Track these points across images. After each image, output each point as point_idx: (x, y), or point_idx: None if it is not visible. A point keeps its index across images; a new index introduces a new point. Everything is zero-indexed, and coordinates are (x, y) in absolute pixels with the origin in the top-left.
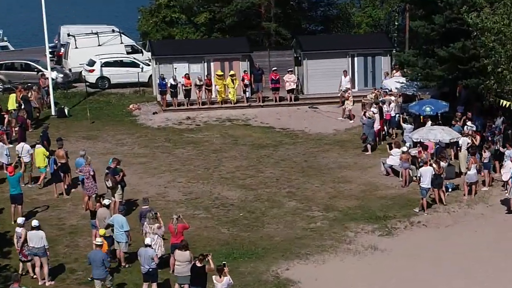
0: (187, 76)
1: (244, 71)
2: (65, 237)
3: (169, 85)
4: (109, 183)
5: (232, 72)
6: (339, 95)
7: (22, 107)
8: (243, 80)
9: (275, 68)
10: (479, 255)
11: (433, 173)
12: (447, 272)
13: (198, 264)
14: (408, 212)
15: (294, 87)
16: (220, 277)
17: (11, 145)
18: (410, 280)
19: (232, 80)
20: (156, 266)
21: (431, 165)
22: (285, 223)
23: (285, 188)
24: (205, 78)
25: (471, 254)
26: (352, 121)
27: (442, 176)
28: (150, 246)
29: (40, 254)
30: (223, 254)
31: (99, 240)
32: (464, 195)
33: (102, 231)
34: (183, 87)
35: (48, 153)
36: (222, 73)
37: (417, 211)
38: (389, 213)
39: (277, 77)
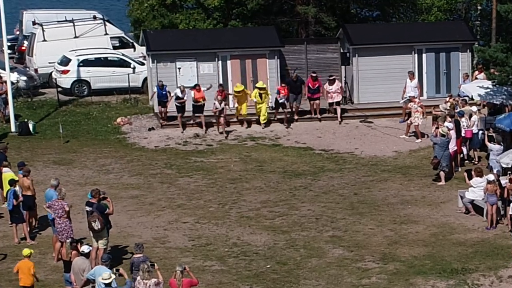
0: (197, 88)
1: (282, 84)
2: None
3: (174, 97)
4: (97, 225)
5: (261, 84)
6: (402, 105)
7: None
8: (278, 93)
9: (314, 73)
10: None
11: None
12: None
13: None
14: (496, 263)
15: (339, 99)
16: None
17: None
18: None
19: (260, 95)
20: None
21: None
22: (328, 278)
23: (328, 231)
24: (218, 88)
25: None
26: (419, 140)
27: None
28: None
29: None
30: None
31: (106, 275)
32: None
33: (26, 251)
34: (193, 102)
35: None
36: (243, 87)
37: None
38: (469, 264)
39: (317, 85)
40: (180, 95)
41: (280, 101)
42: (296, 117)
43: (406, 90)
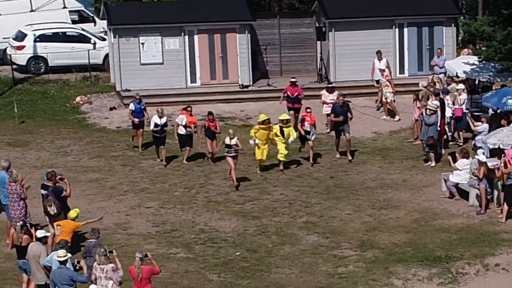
0: (189, 111)
1: (307, 109)
2: None
3: (152, 125)
4: (53, 209)
5: (284, 116)
6: (375, 85)
7: None
8: (302, 122)
9: (294, 78)
10: None
11: None
12: None
13: None
14: (481, 250)
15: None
16: None
17: None
18: None
19: (282, 129)
20: None
21: None
22: (302, 267)
23: (302, 217)
24: (206, 118)
25: None
26: (397, 118)
27: None
28: None
29: None
30: None
31: (61, 253)
32: None
33: (73, 213)
34: (185, 129)
35: None
36: (268, 118)
37: None
38: (453, 252)
39: (296, 93)
40: (158, 122)
41: (307, 130)
42: (349, 157)
43: (374, 71)
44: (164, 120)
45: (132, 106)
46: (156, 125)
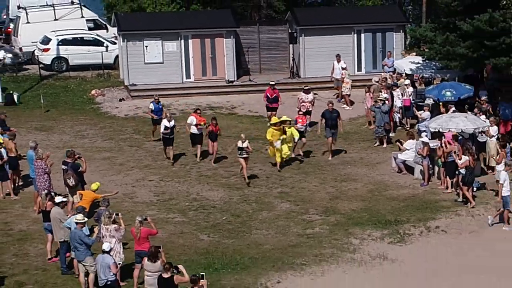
0: (198, 113)
1: (300, 113)
2: (12, 244)
3: (162, 128)
4: (71, 181)
5: (285, 117)
6: (335, 85)
7: None
8: (295, 123)
9: (273, 81)
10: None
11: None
12: None
13: (165, 275)
14: (424, 215)
15: (311, 109)
16: None
17: None
18: None
19: (285, 130)
20: (115, 277)
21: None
22: (277, 228)
23: (277, 188)
24: (210, 123)
25: (500, 269)
26: (348, 107)
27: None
28: (108, 252)
29: None
30: (202, 265)
31: (79, 217)
32: (496, 195)
33: (95, 185)
34: (196, 128)
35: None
36: (280, 120)
37: (508, 229)
38: (401, 216)
39: (274, 95)
40: (167, 124)
41: (301, 130)
42: (330, 157)
43: (334, 71)
44: (172, 123)
45: (151, 106)
46: (166, 127)
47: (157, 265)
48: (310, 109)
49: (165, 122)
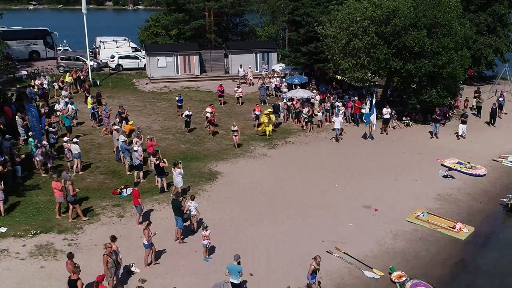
0: (211, 106)
1: (257, 105)
2: (93, 149)
3: (184, 115)
4: (117, 119)
5: (269, 110)
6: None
7: (82, 79)
8: (254, 111)
9: (221, 83)
10: (322, 161)
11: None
12: (307, 170)
13: (156, 162)
14: (284, 135)
15: (241, 96)
16: (175, 168)
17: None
18: (285, 175)
19: (269, 116)
20: (140, 162)
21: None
22: (216, 142)
23: (217, 121)
24: (210, 116)
25: (318, 160)
26: (251, 86)
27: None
28: (132, 148)
29: (77, 157)
30: (180, 158)
31: (122, 137)
32: (318, 126)
33: (131, 122)
34: (210, 115)
35: (93, 103)
36: (271, 111)
37: (334, 140)
38: (274, 137)
39: (222, 89)
40: (188, 113)
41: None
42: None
43: (239, 73)
44: (190, 112)
45: (177, 98)
46: (187, 115)
47: (153, 159)
48: (239, 95)
49: (186, 112)
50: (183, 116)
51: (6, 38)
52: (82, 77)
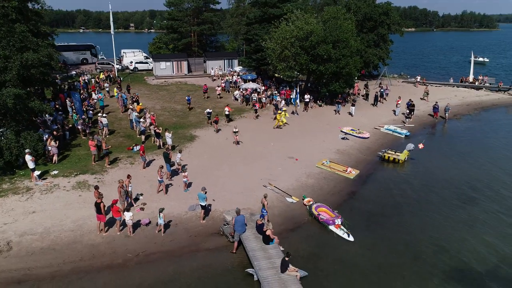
0: (228, 105)
1: (228, 105)
2: (116, 121)
3: (206, 112)
4: (132, 102)
5: (284, 108)
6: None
7: (110, 76)
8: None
9: (206, 84)
10: (264, 128)
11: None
12: (254, 134)
13: (155, 129)
14: (241, 112)
15: (220, 92)
16: (166, 132)
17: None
18: (239, 137)
19: (285, 113)
20: (144, 128)
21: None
22: (196, 116)
23: (196, 104)
24: (216, 116)
25: (261, 128)
26: (218, 79)
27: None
28: (138, 118)
29: (105, 126)
30: (173, 127)
31: (135, 114)
32: (262, 106)
33: (141, 104)
34: (228, 111)
35: (118, 91)
36: (285, 109)
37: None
38: (232, 113)
39: (206, 87)
40: (209, 110)
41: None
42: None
43: (212, 73)
44: (210, 110)
45: (187, 98)
46: (208, 112)
47: (153, 128)
48: (219, 93)
49: (208, 110)
50: (205, 112)
51: (66, 50)
52: (111, 76)
